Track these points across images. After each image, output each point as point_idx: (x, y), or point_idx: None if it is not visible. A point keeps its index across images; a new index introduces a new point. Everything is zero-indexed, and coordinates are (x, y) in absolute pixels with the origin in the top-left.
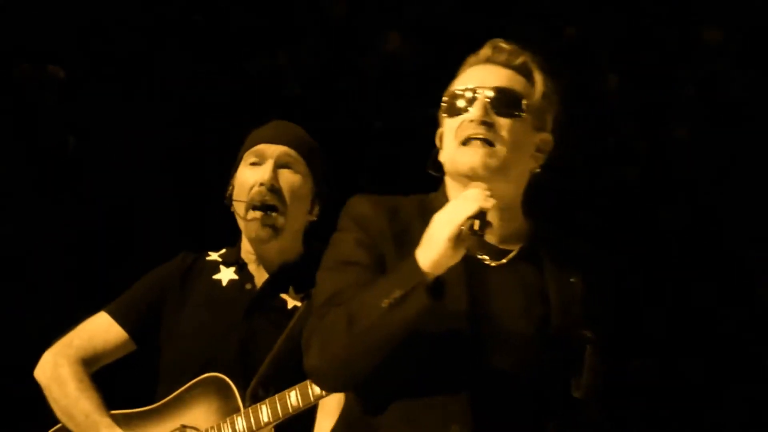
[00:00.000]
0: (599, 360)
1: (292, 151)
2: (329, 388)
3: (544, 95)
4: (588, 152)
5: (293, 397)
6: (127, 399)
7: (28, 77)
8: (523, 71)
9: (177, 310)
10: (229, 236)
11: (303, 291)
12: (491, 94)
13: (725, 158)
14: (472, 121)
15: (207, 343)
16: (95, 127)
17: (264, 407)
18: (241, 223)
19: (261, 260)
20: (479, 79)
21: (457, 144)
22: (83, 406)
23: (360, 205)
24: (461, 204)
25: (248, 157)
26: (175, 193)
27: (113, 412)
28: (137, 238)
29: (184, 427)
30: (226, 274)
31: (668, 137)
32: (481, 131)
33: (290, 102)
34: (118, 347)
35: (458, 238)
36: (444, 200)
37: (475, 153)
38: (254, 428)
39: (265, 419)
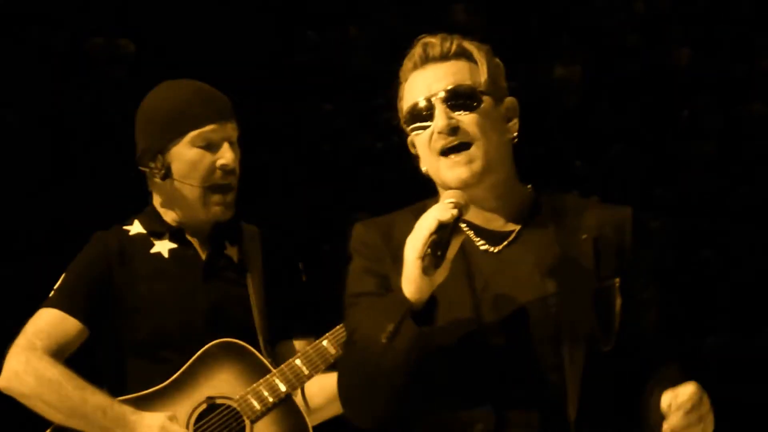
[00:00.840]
0: (635, 304)
1: (233, 124)
2: (367, 429)
3: (489, 66)
4: (662, 127)
5: (326, 344)
6: None
7: (100, 51)
8: (463, 54)
9: (127, 290)
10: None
11: (236, 243)
12: (445, 96)
13: None
14: (440, 132)
15: (172, 313)
16: None
17: (298, 361)
18: (184, 201)
19: (195, 226)
20: (427, 85)
21: (435, 156)
22: (95, 402)
23: (357, 233)
24: (422, 224)
25: (194, 138)
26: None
27: (121, 398)
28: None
29: (210, 398)
30: (164, 245)
31: (744, 111)
32: (451, 140)
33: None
34: (76, 337)
35: (427, 258)
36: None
37: (458, 166)
38: (296, 385)
39: (307, 373)
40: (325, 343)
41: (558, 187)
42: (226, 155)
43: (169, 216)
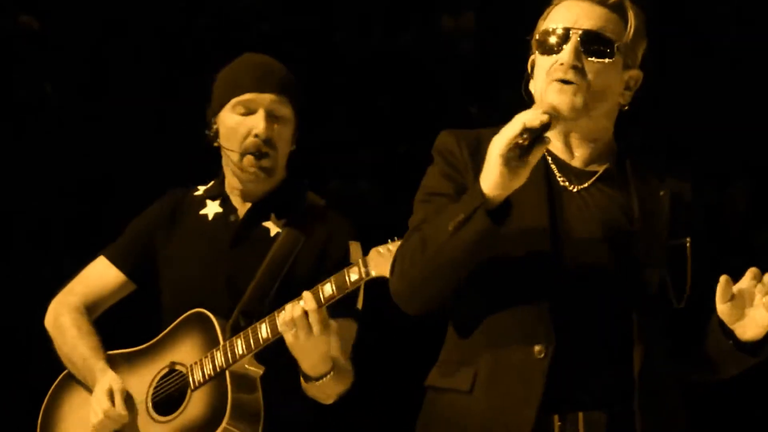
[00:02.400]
0: (701, 264)
1: (282, 98)
2: (409, 309)
3: (636, 32)
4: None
5: (264, 330)
6: (137, 338)
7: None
8: (617, 9)
9: (166, 247)
10: (215, 169)
11: (284, 217)
12: (583, 36)
13: None
14: (562, 64)
15: (196, 277)
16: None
17: (239, 341)
18: (230, 166)
19: (245, 192)
20: (572, 18)
21: (548, 82)
22: (81, 351)
23: (445, 140)
24: (510, 125)
25: (236, 105)
26: (157, 130)
27: (111, 352)
28: (123, 181)
29: (173, 363)
30: (212, 208)
31: None
32: (570, 76)
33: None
34: (117, 289)
35: (509, 157)
36: None
37: (562, 93)
38: (230, 361)
39: (240, 352)
40: (263, 327)
41: None
42: (259, 124)
43: (228, 181)
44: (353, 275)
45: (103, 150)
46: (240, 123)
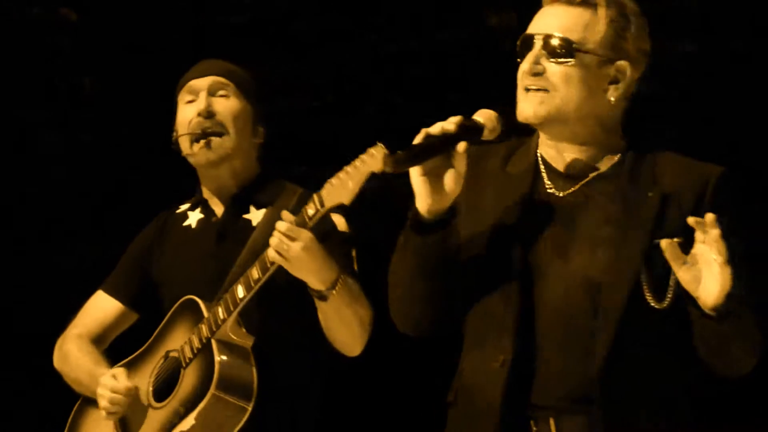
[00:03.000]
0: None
1: (221, 79)
2: (409, 332)
3: (613, 23)
4: None
5: (239, 290)
6: None
7: (41, 20)
8: (587, 4)
9: (158, 265)
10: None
11: (264, 207)
12: (545, 41)
13: None
14: (524, 72)
15: (189, 279)
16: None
17: (219, 308)
18: (191, 160)
19: (219, 191)
20: (539, 24)
21: (519, 90)
22: (85, 367)
23: None
24: (417, 136)
25: (183, 97)
26: None
27: (116, 366)
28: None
29: (167, 352)
30: (194, 217)
31: None
32: (529, 82)
33: None
34: (119, 319)
35: (426, 170)
36: (531, 143)
37: (527, 101)
38: (214, 329)
39: (221, 317)
40: (238, 287)
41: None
42: (200, 103)
43: (203, 187)
44: (310, 210)
45: (140, 144)
46: (186, 110)
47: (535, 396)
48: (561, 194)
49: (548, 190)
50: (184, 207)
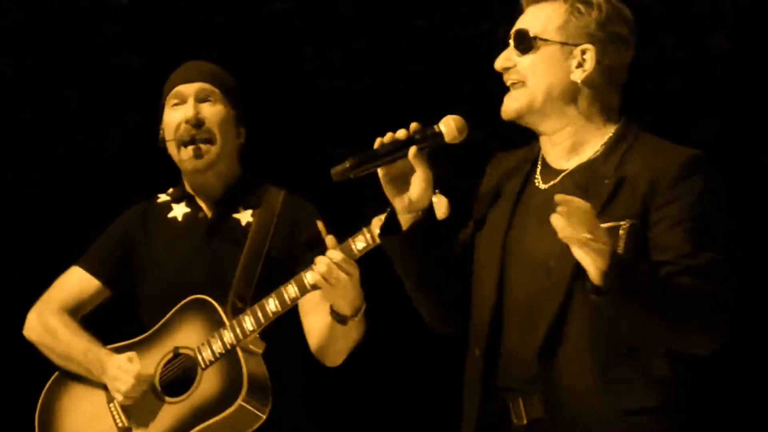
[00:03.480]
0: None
1: (207, 85)
2: (435, 329)
3: (574, 11)
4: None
5: (271, 304)
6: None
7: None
8: None
9: (145, 251)
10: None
11: (251, 207)
12: (513, 37)
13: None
14: (497, 69)
15: (179, 273)
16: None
17: (247, 317)
18: (177, 162)
19: (205, 190)
20: (517, 23)
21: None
22: (80, 345)
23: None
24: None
25: (170, 100)
26: None
27: (108, 347)
28: None
29: (177, 348)
30: (180, 210)
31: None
32: (506, 77)
33: None
34: (94, 295)
35: (385, 176)
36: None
37: (506, 101)
38: (240, 337)
39: (250, 327)
40: (270, 301)
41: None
42: (189, 110)
43: (187, 182)
44: (360, 244)
45: None
46: (173, 114)
47: (506, 379)
48: (544, 187)
49: (535, 184)
50: (164, 197)
